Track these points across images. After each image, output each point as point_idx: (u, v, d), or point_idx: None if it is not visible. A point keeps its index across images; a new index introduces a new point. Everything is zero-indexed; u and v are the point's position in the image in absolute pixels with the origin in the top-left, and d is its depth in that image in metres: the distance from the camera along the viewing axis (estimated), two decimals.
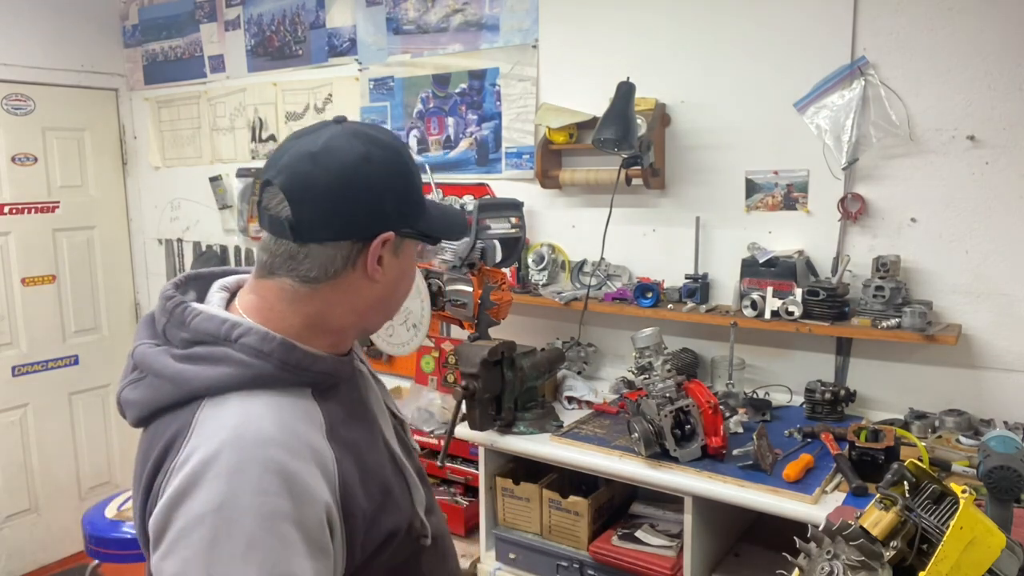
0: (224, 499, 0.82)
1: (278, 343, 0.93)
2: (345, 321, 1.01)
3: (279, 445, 0.86)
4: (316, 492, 0.87)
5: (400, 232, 0.99)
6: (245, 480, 0.83)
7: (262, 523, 0.82)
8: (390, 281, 1.01)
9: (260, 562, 0.81)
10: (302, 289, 0.97)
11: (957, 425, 2.00)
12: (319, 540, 0.87)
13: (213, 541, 0.81)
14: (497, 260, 2.33)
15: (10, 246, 3.70)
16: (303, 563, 0.84)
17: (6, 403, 3.70)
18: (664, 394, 1.88)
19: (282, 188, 0.94)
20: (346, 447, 0.95)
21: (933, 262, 2.13)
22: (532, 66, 2.74)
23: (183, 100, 3.89)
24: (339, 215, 0.94)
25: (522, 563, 2.17)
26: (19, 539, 3.76)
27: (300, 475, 0.86)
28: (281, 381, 0.93)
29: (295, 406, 0.93)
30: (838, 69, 2.18)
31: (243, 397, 0.90)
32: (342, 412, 0.99)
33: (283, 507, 0.84)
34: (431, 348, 2.83)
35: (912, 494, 0.98)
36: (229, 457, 0.84)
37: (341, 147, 0.95)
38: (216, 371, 0.91)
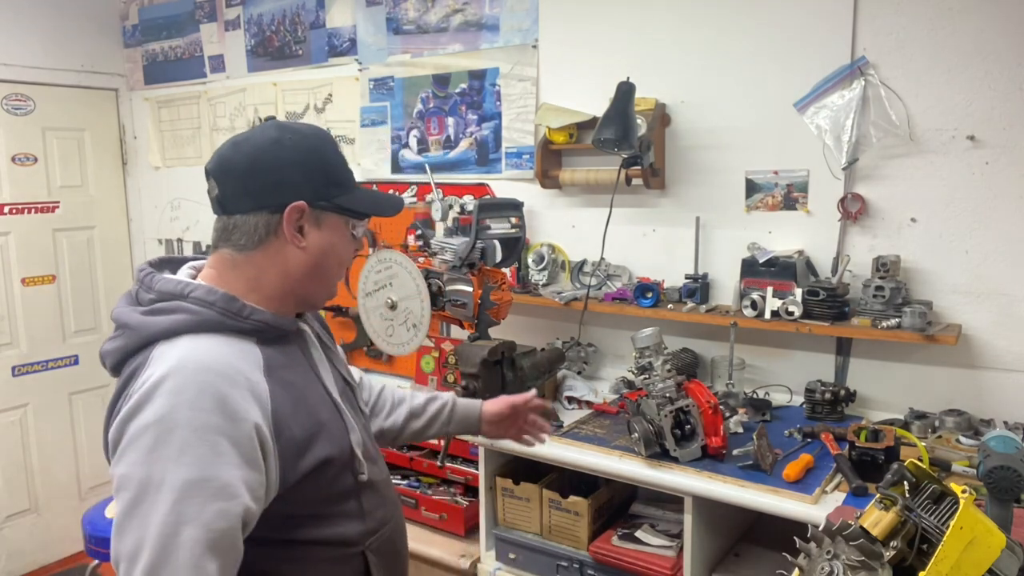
0: (164, 413, 0.99)
1: (220, 295, 1.12)
2: (280, 284, 1.18)
3: (215, 373, 1.03)
4: (246, 413, 1.03)
5: (314, 204, 1.16)
6: (184, 398, 1.00)
7: (194, 432, 0.99)
8: (315, 250, 1.18)
9: (190, 463, 0.98)
10: (239, 257, 1.16)
11: (957, 425, 2.00)
12: (248, 453, 1.02)
13: (153, 446, 0.98)
14: (497, 260, 2.33)
15: (10, 246, 3.70)
16: (231, 470, 1.00)
17: (6, 403, 3.70)
18: (664, 394, 1.88)
19: (211, 172, 1.16)
20: (282, 384, 1.11)
21: (933, 262, 2.13)
22: (532, 66, 2.74)
23: (183, 100, 3.89)
24: (251, 188, 1.14)
25: (522, 563, 2.17)
26: (19, 539, 3.76)
27: (232, 398, 1.03)
28: (225, 327, 1.10)
29: (236, 347, 1.10)
30: (838, 69, 2.18)
31: (192, 338, 1.08)
32: (282, 358, 1.16)
33: (214, 421, 1.00)
34: (431, 348, 2.83)
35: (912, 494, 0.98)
36: (173, 380, 1.01)
37: (257, 135, 1.17)
38: (170, 319, 1.09)
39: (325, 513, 1.18)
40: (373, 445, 1.32)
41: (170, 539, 0.95)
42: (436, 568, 2.39)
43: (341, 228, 1.21)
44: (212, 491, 0.98)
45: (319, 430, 1.15)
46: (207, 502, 0.97)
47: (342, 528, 1.20)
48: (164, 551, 0.94)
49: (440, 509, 2.48)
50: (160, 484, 0.96)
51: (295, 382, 1.15)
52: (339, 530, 1.20)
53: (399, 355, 2.60)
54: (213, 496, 0.98)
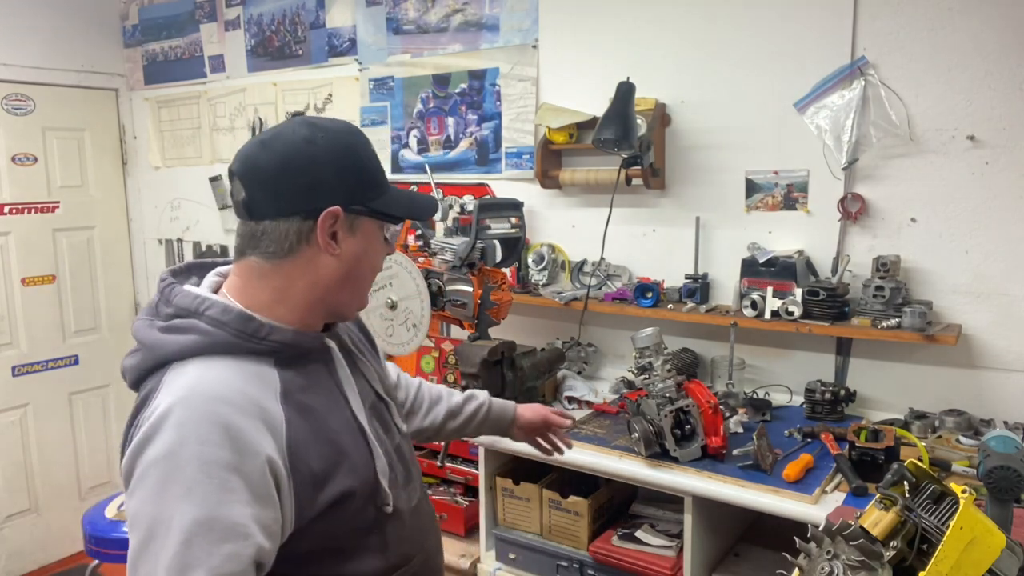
0: (172, 447, 0.93)
1: (235, 314, 1.04)
2: (309, 295, 1.09)
3: (225, 402, 0.97)
4: (258, 446, 0.96)
5: (349, 209, 1.07)
6: (191, 431, 0.94)
7: (201, 468, 0.92)
8: (349, 258, 1.09)
9: (198, 503, 0.91)
10: (266, 266, 1.07)
11: (957, 425, 2.00)
12: (260, 489, 0.95)
13: (162, 483, 0.93)
14: (497, 260, 2.33)
15: (10, 246, 3.70)
16: (241, 508, 0.93)
17: (6, 403, 3.70)
18: (664, 394, 1.88)
19: (236, 174, 1.06)
20: (300, 411, 1.03)
21: (933, 262, 2.13)
22: (532, 66, 2.74)
23: (183, 100, 3.89)
24: (282, 192, 1.05)
25: (522, 563, 2.17)
26: (19, 539, 3.76)
27: (243, 430, 0.96)
28: (239, 348, 1.03)
29: (250, 371, 1.02)
30: (838, 69, 2.18)
31: (203, 361, 1.01)
32: (303, 381, 1.07)
33: (223, 456, 0.93)
34: (431, 348, 2.83)
35: (912, 494, 0.98)
36: (180, 412, 0.95)
37: (286, 133, 1.07)
38: (184, 339, 1.02)
39: (343, 547, 1.09)
40: (405, 468, 1.21)
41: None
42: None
43: (375, 233, 1.13)
44: (221, 532, 0.91)
45: (340, 460, 1.06)
46: (216, 544, 0.91)
47: (360, 564, 1.11)
48: None
49: (440, 509, 2.48)
50: (168, 525, 0.91)
51: (315, 407, 1.07)
52: (361, 566, 1.10)
53: (399, 355, 2.60)
54: (222, 538, 0.91)
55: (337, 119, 1.13)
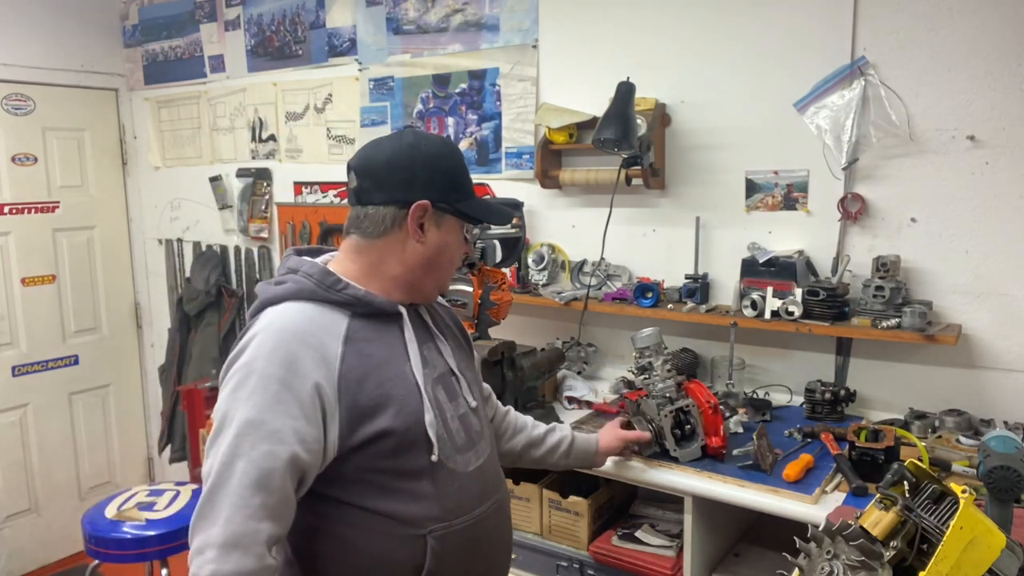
0: (247, 360, 1.18)
1: (319, 269, 1.28)
2: (394, 270, 1.31)
3: (292, 333, 1.20)
4: (310, 371, 1.17)
5: (436, 205, 1.30)
6: (263, 351, 1.17)
7: (261, 380, 1.15)
8: (432, 246, 1.31)
9: (253, 405, 1.14)
10: (363, 242, 1.31)
11: (957, 425, 2.00)
12: (306, 407, 1.16)
13: (235, 387, 1.17)
14: (497, 260, 2.33)
15: (10, 246, 3.70)
16: (285, 419, 1.14)
17: (6, 403, 3.70)
18: (664, 394, 1.88)
19: (352, 166, 1.32)
20: (358, 353, 1.23)
21: (933, 262, 2.13)
22: (532, 66, 2.74)
23: (183, 100, 3.89)
24: (386, 184, 1.29)
25: (522, 563, 2.17)
26: (19, 539, 3.76)
27: (300, 357, 1.17)
28: (320, 297, 1.25)
29: (325, 315, 1.25)
30: (838, 69, 2.18)
31: (291, 304, 1.25)
32: (370, 332, 1.27)
33: (279, 374, 1.15)
34: None
35: (912, 494, 0.98)
36: (261, 336, 1.20)
37: (395, 140, 1.32)
38: (282, 288, 1.27)
39: (393, 487, 1.24)
40: (468, 435, 1.36)
41: (226, 468, 1.11)
42: None
43: (456, 230, 1.34)
44: (264, 433, 1.12)
45: (386, 402, 1.23)
46: (259, 442, 1.12)
47: (406, 507, 1.25)
48: (221, 477, 1.10)
49: None
50: (231, 419, 1.13)
51: (374, 354, 1.25)
52: (402, 507, 1.24)
53: None
54: (264, 438, 1.12)
55: (442, 136, 1.32)
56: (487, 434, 1.44)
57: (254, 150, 3.63)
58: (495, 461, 1.46)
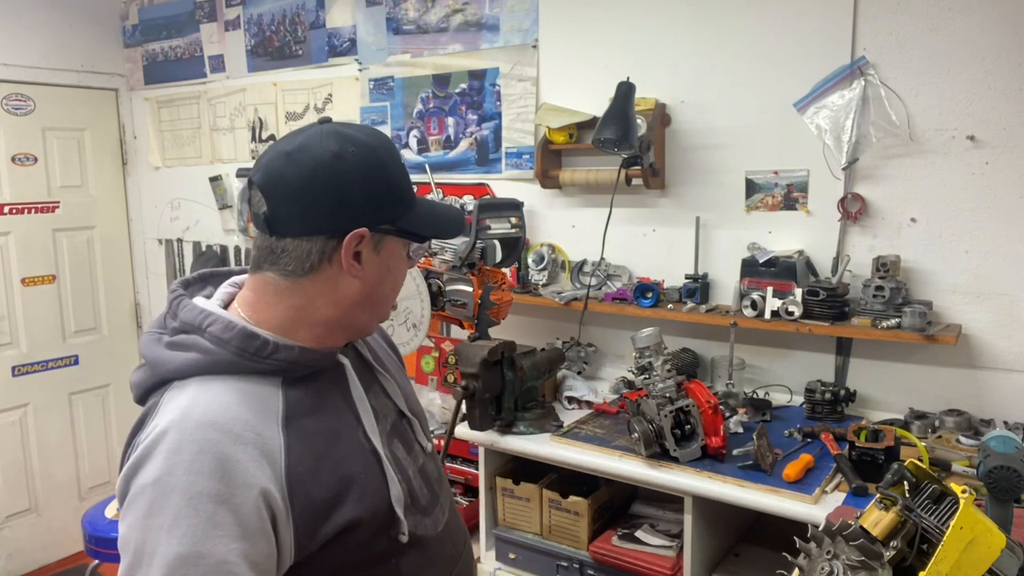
0: (161, 475, 0.89)
1: (237, 331, 0.98)
2: (327, 314, 1.04)
3: (219, 429, 0.92)
4: (251, 477, 0.91)
5: (376, 229, 1.02)
6: (181, 459, 0.89)
7: (188, 500, 0.87)
8: (371, 278, 1.04)
9: (181, 536, 0.86)
10: (284, 283, 1.02)
11: (957, 425, 2.00)
12: (252, 523, 0.90)
13: (149, 511, 0.88)
14: (497, 260, 2.33)
15: (10, 246, 3.70)
16: (229, 544, 0.88)
17: (6, 403, 3.70)
18: (664, 394, 1.88)
19: (259, 185, 1.01)
20: (303, 436, 0.98)
21: (933, 262, 2.13)
22: (532, 66, 2.74)
23: (183, 100, 3.89)
24: (308, 210, 0.99)
25: (522, 563, 2.17)
26: (19, 539, 3.76)
27: (236, 460, 0.91)
28: (241, 368, 0.98)
29: (252, 393, 0.97)
30: (838, 69, 2.18)
31: (202, 382, 0.97)
32: (311, 402, 1.02)
33: (212, 488, 0.88)
34: (431, 348, 2.83)
35: (912, 494, 0.97)
36: (172, 436, 0.91)
37: (315, 145, 1.00)
38: (184, 356, 0.98)
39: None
40: (431, 491, 1.15)
41: None
42: None
43: (399, 251, 1.08)
44: (205, 569, 0.86)
45: (347, 488, 1.00)
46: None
47: None
48: None
49: None
50: (152, 555, 0.86)
51: (322, 431, 1.01)
52: None
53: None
54: (205, 574, 0.86)
55: (367, 127, 1.08)
56: (443, 474, 1.23)
57: (254, 150, 3.63)
58: (452, 499, 1.25)
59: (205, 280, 1.12)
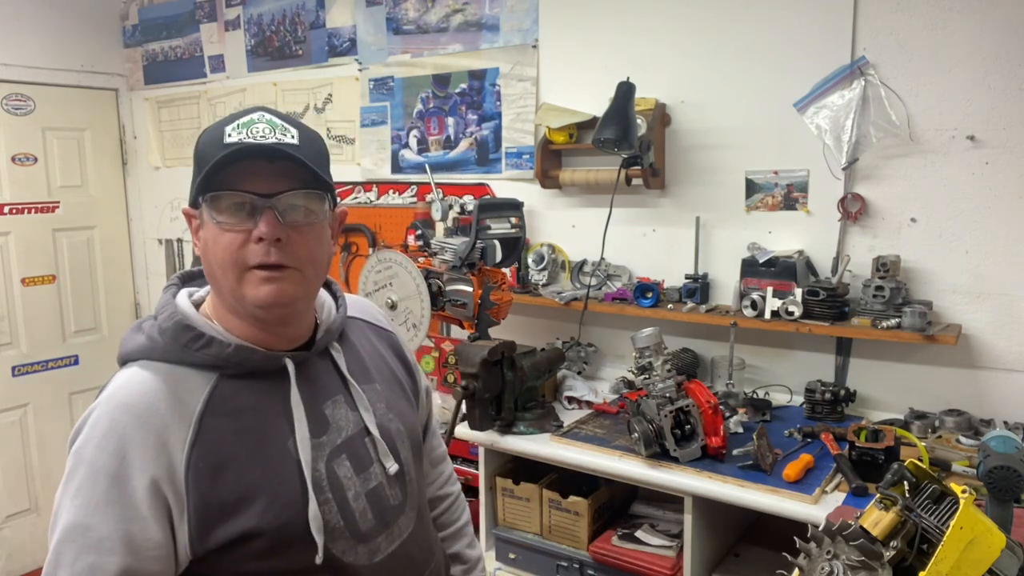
0: (79, 446, 0.95)
1: (174, 323, 1.01)
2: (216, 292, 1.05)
3: (130, 411, 0.95)
4: (146, 463, 0.94)
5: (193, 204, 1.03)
6: (94, 434, 0.95)
7: (91, 474, 0.93)
8: (206, 249, 1.02)
9: (78, 505, 0.93)
10: None
11: (957, 425, 2.00)
12: (140, 507, 0.93)
13: (66, 477, 0.96)
14: (497, 260, 2.33)
15: (10, 246, 3.70)
16: (113, 523, 0.92)
17: (6, 403, 3.70)
18: (664, 394, 1.88)
19: None
20: (218, 434, 0.98)
21: (933, 262, 2.13)
22: (532, 66, 2.74)
23: (183, 100, 3.88)
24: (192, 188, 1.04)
25: (522, 563, 2.17)
26: (19, 539, 3.76)
27: (135, 445, 0.94)
28: (176, 357, 1.01)
29: (178, 383, 0.99)
30: (838, 69, 2.18)
31: (139, 366, 1.01)
32: (244, 400, 1.01)
33: (111, 466, 0.93)
34: (431, 348, 2.83)
35: (912, 494, 0.97)
36: (97, 412, 0.97)
37: None
38: (135, 341, 1.04)
39: None
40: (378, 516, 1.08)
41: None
42: None
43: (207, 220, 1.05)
44: (89, 542, 0.91)
45: (251, 495, 0.97)
46: (81, 552, 0.91)
47: None
48: None
49: None
50: (58, 520, 0.94)
51: (240, 432, 0.99)
52: None
53: None
54: (88, 547, 0.91)
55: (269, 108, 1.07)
56: (412, 502, 1.14)
57: None
58: (423, 533, 1.17)
59: (195, 277, 1.15)
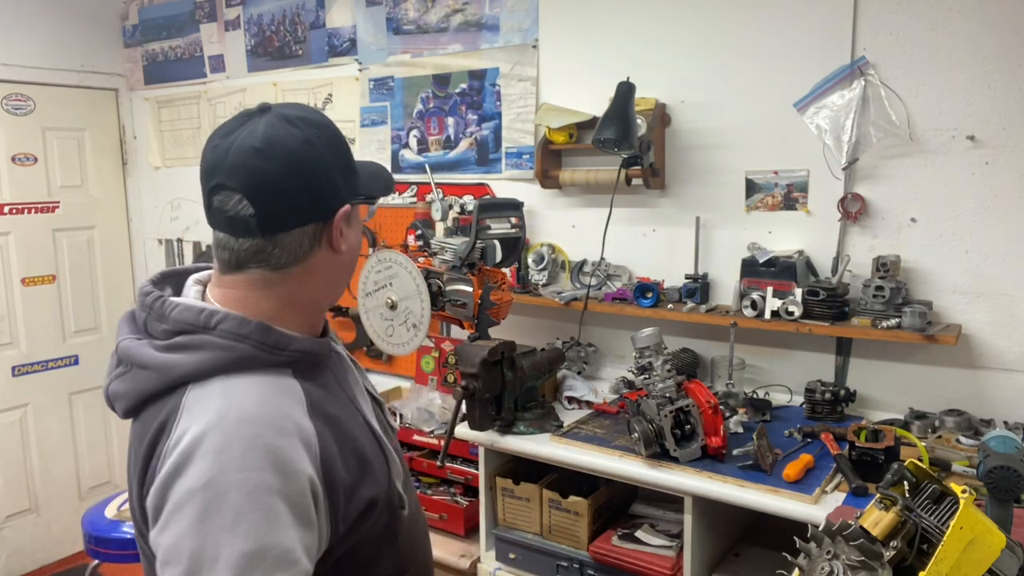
0: (212, 476, 0.87)
1: (255, 326, 0.97)
2: (316, 295, 1.06)
3: (261, 423, 0.91)
4: (299, 466, 0.91)
5: (352, 202, 1.05)
6: (230, 458, 0.88)
7: (248, 497, 0.87)
8: (351, 248, 1.07)
9: (246, 533, 0.86)
10: (274, 276, 1.01)
11: (957, 425, 2.00)
12: (304, 511, 0.91)
13: (203, 514, 0.86)
14: (497, 260, 2.33)
15: (10, 246, 3.70)
16: (289, 533, 0.89)
17: (6, 403, 3.70)
18: (664, 394, 1.88)
19: (240, 189, 0.96)
20: (327, 422, 0.99)
21: (933, 262, 2.13)
22: (532, 66, 2.74)
23: (183, 100, 3.89)
24: (300, 202, 0.99)
25: (522, 563, 2.17)
26: (19, 539, 3.76)
27: (283, 450, 0.91)
28: (261, 362, 0.97)
29: (276, 385, 0.97)
30: (838, 69, 2.18)
31: (225, 380, 0.94)
32: (321, 390, 1.03)
33: (267, 481, 0.88)
34: (431, 348, 2.83)
35: (912, 494, 0.97)
36: (214, 437, 0.89)
37: (282, 136, 0.98)
38: (198, 357, 0.95)
39: (361, 556, 1.04)
40: (405, 466, 1.17)
41: None
42: (436, 568, 2.38)
43: (359, 217, 1.10)
44: (273, 561, 0.87)
45: (365, 469, 1.02)
46: (272, 573, 0.87)
47: (376, 571, 1.07)
48: None
49: (440, 509, 2.48)
50: (215, 558, 0.85)
51: (337, 416, 1.02)
52: (374, 573, 1.07)
53: (399, 355, 2.60)
54: (274, 566, 0.87)
55: (302, 105, 1.08)
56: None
57: None
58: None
59: (164, 280, 1.09)
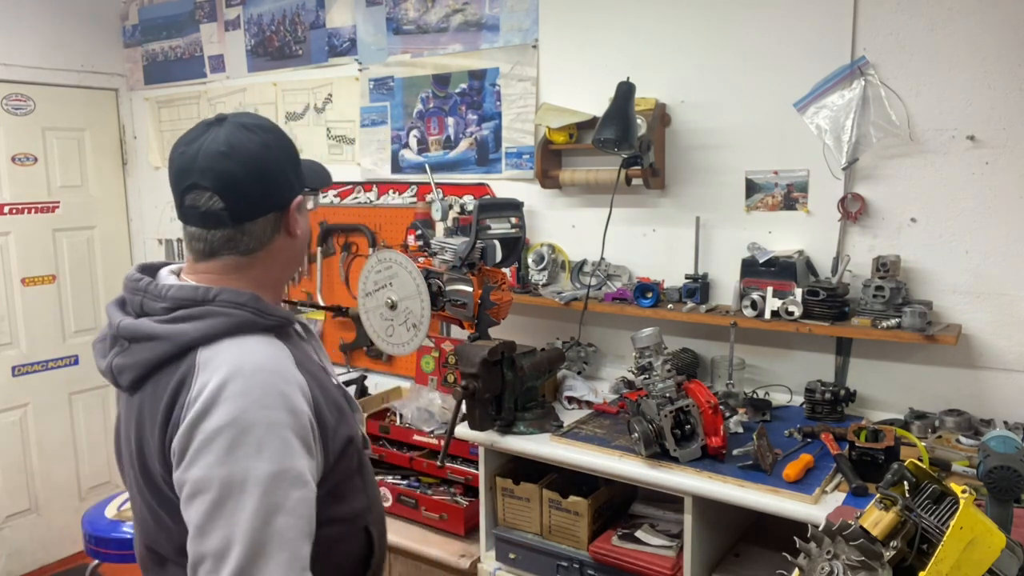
0: (237, 415, 1.05)
1: (248, 296, 1.17)
2: (279, 275, 1.28)
3: (271, 372, 1.11)
4: (302, 407, 1.11)
5: (302, 194, 1.26)
6: (251, 400, 1.06)
7: (267, 430, 1.05)
8: (304, 233, 1.27)
9: (269, 458, 1.04)
10: (243, 260, 1.21)
11: (957, 425, 2.00)
12: (308, 444, 1.11)
13: (230, 447, 1.04)
14: (497, 260, 2.33)
15: (10, 246, 3.70)
16: (300, 460, 1.08)
17: (6, 403, 3.70)
18: (664, 394, 1.88)
19: (212, 187, 1.17)
20: (309, 375, 1.18)
21: (933, 262, 2.13)
22: (532, 66, 2.74)
23: (183, 100, 3.89)
24: (262, 196, 1.20)
25: (522, 563, 2.17)
26: (19, 539, 3.76)
27: (289, 394, 1.10)
28: (257, 326, 1.16)
29: (271, 344, 1.16)
30: (838, 69, 2.18)
31: (233, 340, 1.13)
32: (300, 352, 1.22)
33: (282, 418, 1.07)
34: (431, 348, 2.83)
35: (912, 494, 0.98)
36: (235, 384, 1.06)
37: (243, 141, 1.18)
38: (205, 323, 1.13)
39: (339, 490, 1.22)
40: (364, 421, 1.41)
41: (262, 531, 1.01)
42: (436, 568, 2.39)
43: (306, 207, 1.29)
44: (291, 480, 1.05)
45: (341, 413, 1.22)
46: (291, 490, 1.05)
47: (352, 504, 1.24)
48: (258, 542, 1.01)
49: (440, 509, 2.48)
50: (244, 481, 1.02)
51: (315, 372, 1.22)
52: (350, 507, 1.24)
53: (399, 355, 2.60)
54: (293, 485, 1.05)
55: (251, 113, 1.27)
56: None
57: None
58: None
59: (144, 272, 1.26)
